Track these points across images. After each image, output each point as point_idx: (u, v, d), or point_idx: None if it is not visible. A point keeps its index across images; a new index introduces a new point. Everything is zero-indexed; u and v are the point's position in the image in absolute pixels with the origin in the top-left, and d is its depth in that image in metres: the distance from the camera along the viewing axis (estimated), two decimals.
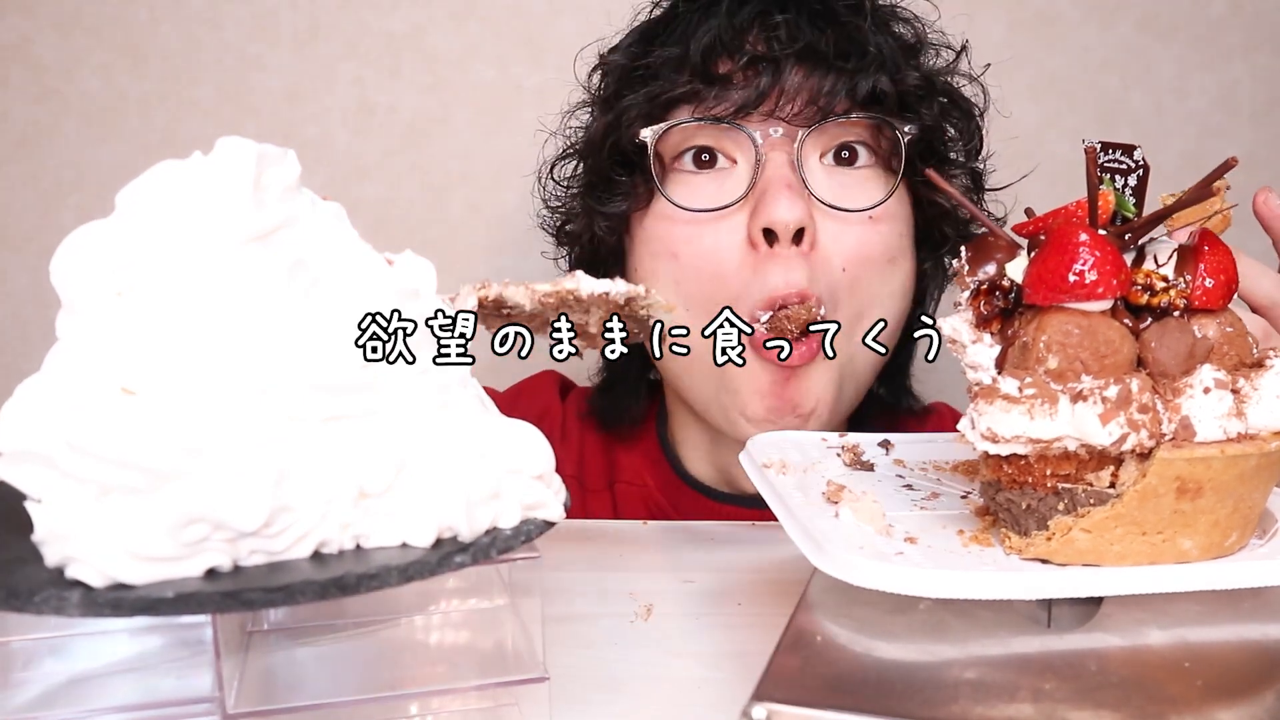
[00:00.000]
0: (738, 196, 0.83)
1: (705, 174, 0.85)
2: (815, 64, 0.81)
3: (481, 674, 0.55)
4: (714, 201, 0.83)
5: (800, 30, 0.80)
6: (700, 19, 0.84)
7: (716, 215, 0.83)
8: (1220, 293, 0.54)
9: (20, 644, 0.54)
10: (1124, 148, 0.57)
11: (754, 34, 0.81)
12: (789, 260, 0.81)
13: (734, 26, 0.81)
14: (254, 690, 0.51)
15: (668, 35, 0.86)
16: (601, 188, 0.89)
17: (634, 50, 0.88)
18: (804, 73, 0.81)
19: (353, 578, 0.44)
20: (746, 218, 0.83)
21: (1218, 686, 0.48)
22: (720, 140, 0.84)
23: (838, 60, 0.81)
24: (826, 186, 0.83)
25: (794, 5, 0.82)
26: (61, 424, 0.43)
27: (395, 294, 0.50)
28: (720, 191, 0.84)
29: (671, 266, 0.85)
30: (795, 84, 0.80)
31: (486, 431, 0.51)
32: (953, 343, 0.58)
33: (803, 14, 0.82)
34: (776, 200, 0.80)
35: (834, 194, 0.83)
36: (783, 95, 0.81)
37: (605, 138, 0.86)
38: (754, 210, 0.82)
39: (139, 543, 0.42)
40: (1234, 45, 1.32)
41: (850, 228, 0.84)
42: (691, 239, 0.84)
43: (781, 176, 0.81)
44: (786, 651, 0.50)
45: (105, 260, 0.46)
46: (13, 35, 1.35)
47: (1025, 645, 0.51)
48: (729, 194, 0.83)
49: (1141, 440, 0.51)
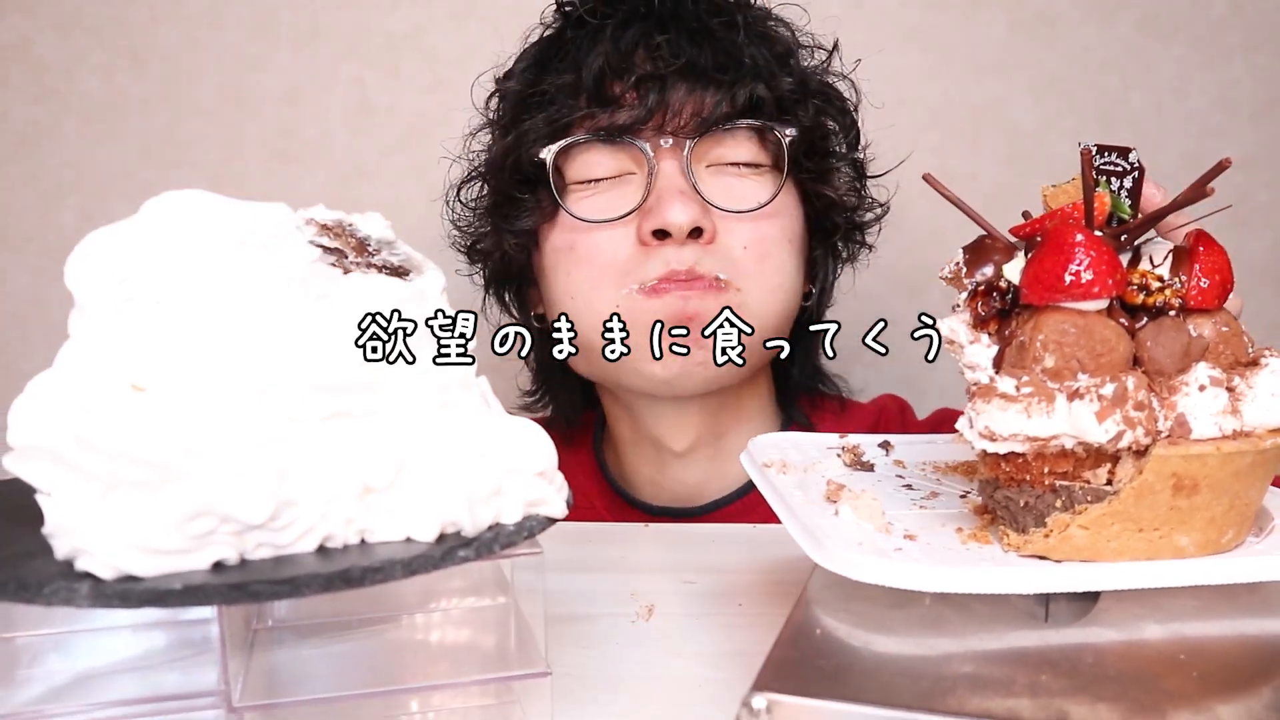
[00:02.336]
0: (635, 205, 0.89)
1: (604, 186, 0.91)
2: (697, 78, 0.88)
3: (484, 671, 0.56)
4: (613, 211, 0.90)
5: (681, 48, 0.87)
6: (589, 44, 0.90)
7: (615, 223, 0.90)
8: (1215, 292, 0.55)
9: (26, 640, 0.55)
10: (1120, 150, 0.58)
11: (639, 55, 0.88)
12: (680, 248, 0.88)
13: (620, 50, 0.88)
14: (259, 685, 0.52)
15: (560, 60, 0.92)
16: (507, 206, 0.94)
17: (529, 76, 0.93)
18: (687, 87, 0.88)
19: (357, 570, 0.44)
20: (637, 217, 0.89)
21: (1214, 680, 0.48)
22: (616, 155, 0.90)
23: (717, 73, 0.88)
24: (717, 190, 0.90)
25: (673, 25, 0.89)
26: (71, 419, 0.44)
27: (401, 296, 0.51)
28: (619, 200, 0.90)
29: (567, 258, 0.92)
30: (680, 98, 0.87)
31: (489, 429, 0.51)
32: (950, 343, 0.58)
33: (682, 33, 0.88)
34: (670, 205, 0.87)
35: (724, 197, 0.90)
36: (669, 109, 0.87)
37: (506, 158, 0.92)
38: (646, 214, 0.88)
39: (147, 536, 0.42)
40: (1234, 45, 1.32)
41: (745, 224, 0.91)
42: (589, 239, 0.91)
43: (674, 184, 0.88)
44: (786, 644, 0.51)
45: (118, 263, 0.47)
46: (13, 35, 1.35)
47: (1023, 639, 0.52)
48: (627, 202, 0.90)
49: (1138, 438, 0.52)
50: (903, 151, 1.06)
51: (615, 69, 0.88)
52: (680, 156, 0.89)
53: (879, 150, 1.07)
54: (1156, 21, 1.33)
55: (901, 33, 1.34)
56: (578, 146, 0.90)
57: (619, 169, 0.91)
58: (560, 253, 0.92)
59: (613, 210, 0.90)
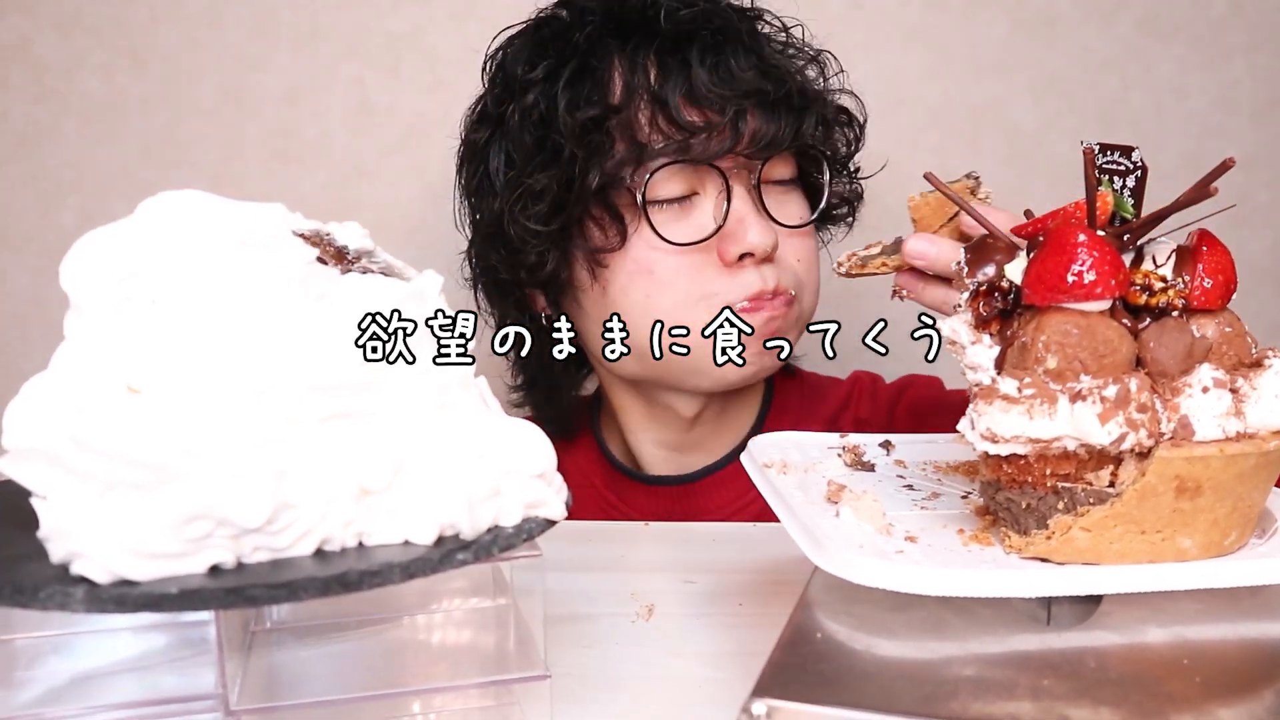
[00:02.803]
0: (715, 228, 0.93)
1: (675, 208, 0.94)
2: (768, 107, 0.93)
3: (483, 673, 0.55)
4: (688, 233, 0.93)
5: (756, 79, 0.93)
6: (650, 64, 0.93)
7: (692, 246, 0.93)
8: (1219, 293, 0.54)
9: (24, 642, 0.55)
10: (1122, 149, 0.58)
11: (718, 84, 0.92)
12: (760, 269, 0.94)
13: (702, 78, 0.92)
14: (257, 688, 0.52)
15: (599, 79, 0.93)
16: (581, 228, 0.95)
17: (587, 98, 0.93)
18: (760, 116, 0.93)
19: (355, 574, 0.44)
20: (717, 241, 0.93)
21: (1216, 684, 0.48)
22: (690, 178, 0.94)
23: (785, 103, 0.94)
24: (774, 208, 0.96)
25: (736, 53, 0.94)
26: (67, 421, 0.44)
27: (401, 296, 0.51)
28: (690, 220, 0.94)
29: (645, 281, 0.94)
30: (757, 127, 0.93)
31: (488, 430, 0.51)
32: (952, 344, 0.58)
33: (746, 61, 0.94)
34: (751, 228, 0.93)
35: (780, 214, 0.97)
36: (749, 137, 0.93)
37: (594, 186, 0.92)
38: (728, 236, 0.93)
39: (143, 539, 0.42)
40: (1234, 45, 1.32)
41: (796, 238, 0.99)
42: (669, 262, 0.94)
43: (749, 207, 0.94)
44: (786, 648, 0.51)
45: (114, 264, 0.47)
46: (13, 35, 1.35)
47: (1024, 643, 0.51)
48: (698, 223, 0.94)
49: (1140, 439, 0.51)
50: (903, 151, 1.06)
51: (700, 97, 0.91)
52: (747, 179, 0.95)
53: (879, 150, 1.07)
54: (1156, 21, 1.32)
55: (901, 33, 1.34)
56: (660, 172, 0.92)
57: (689, 190, 0.94)
58: (637, 276, 0.94)
59: (687, 232, 0.93)
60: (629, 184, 0.92)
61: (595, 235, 0.94)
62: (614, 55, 0.94)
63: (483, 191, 1.01)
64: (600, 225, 0.94)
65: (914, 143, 1.35)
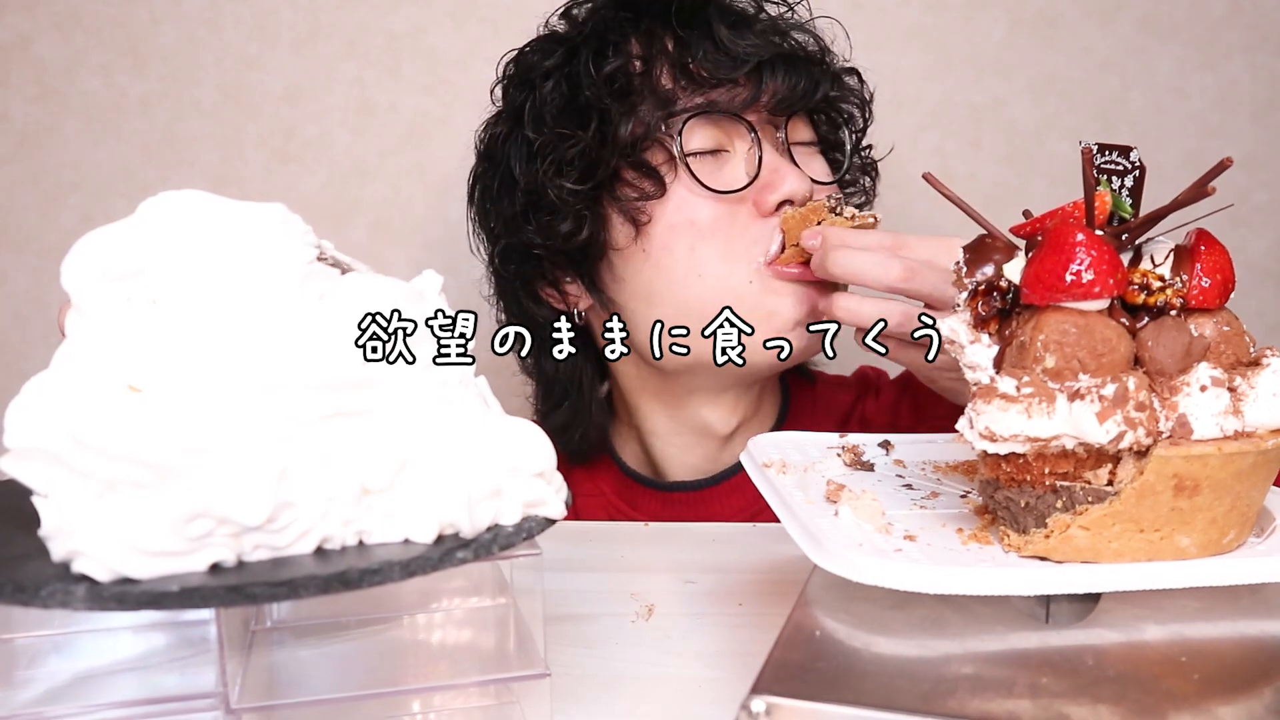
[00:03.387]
0: (750, 177, 0.94)
1: (712, 160, 0.95)
2: (789, 65, 0.96)
3: (483, 671, 0.55)
4: (729, 184, 0.94)
5: (770, 37, 0.97)
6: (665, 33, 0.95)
7: (729, 195, 0.94)
8: (1217, 292, 0.54)
9: (24, 641, 0.55)
10: (1121, 149, 0.58)
11: (737, 42, 0.95)
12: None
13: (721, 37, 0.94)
14: (257, 686, 0.52)
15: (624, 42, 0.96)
16: (621, 187, 0.95)
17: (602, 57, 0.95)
18: (780, 73, 0.95)
19: (355, 572, 0.44)
20: (752, 193, 0.94)
21: (1215, 682, 0.48)
22: (718, 132, 0.95)
23: (803, 62, 0.97)
24: (804, 163, 0.98)
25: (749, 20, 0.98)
26: (68, 420, 0.44)
27: (401, 296, 0.51)
28: (722, 174, 0.95)
29: (690, 234, 0.94)
30: (780, 83, 0.95)
31: (488, 429, 0.51)
32: (951, 343, 0.58)
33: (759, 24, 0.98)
34: (789, 176, 0.94)
35: (809, 170, 0.98)
36: (772, 92, 0.95)
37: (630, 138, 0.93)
38: (766, 185, 0.94)
39: (144, 537, 0.42)
40: (1234, 45, 1.32)
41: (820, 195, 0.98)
42: (712, 209, 0.94)
43: (781, 157, 0.96)
44: (785, 646, 0.51)
45: (115, 264, 0.47)
46: (13, 35, 1.35)
47: (1023, 641, 0.52)
48: (733, 176, 0.95)
49: (1139, 438, 0.52)
50: (903, 151, 1.06)
51: (725, 51, 0.93)
52: (774, 134, 0.97)
53: (878, 149, 1.07)
54: (1156, 21, 1.32)
55: (901, 33, 1.34)
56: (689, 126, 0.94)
57: (719, 144, 0.95)
58: (679, 227, 0.94)
59: (728, 184, 0.94)
60: (660, 135, 0.94)
61: (631, 192, 0.95)
62: (630, 33, 0.96)
63: (501, 192, 1.01)
64: (635, 182, 0.94)
65: (914, 143, 1.35)
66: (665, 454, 1.08)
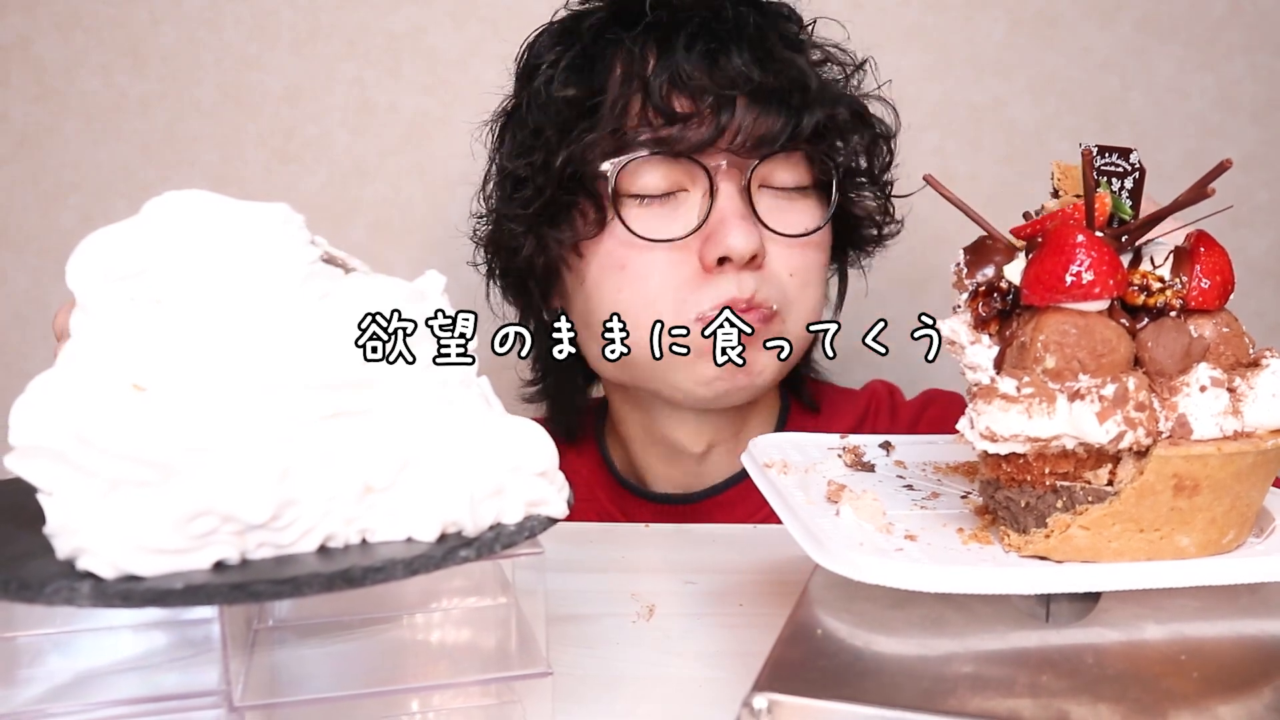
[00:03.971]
0: (693, 226, 0.88)
1: (658, 202, 0.90)
2: (763, 100, 0.87)
3: (485, 670, 0.56)
4: (670, 230, 0.89)
5: (750, 69, 0.86)
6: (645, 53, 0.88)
7: (670, 243, 0.88)
8: (1216, 293, 0.55)
9: (26, 640, 0.55)
10: (1121, 150, 0.58)
11: (707, 71, 0.86)
12: (740, 274, 0.88)
13: (689, 65, 0.86)
14: (260, 685, 0.52)
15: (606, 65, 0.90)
16: (558, 215, 0.92)
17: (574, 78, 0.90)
18: (754, 111, 0.87)
19: (359, 570, 0.44)
20: (699, 243, 0.88)
21: (1215, 680, 0.48)
22: (673, 172, 0.89)
23: (783, 97, 0.88)
24: (771, 212, 0.90)
25: (737, 43, 0.88)
26: (73, 419, 0.44)
27: (402, 296, 0.51)
28: (674, 217, 0.89)
29: (618, 277, 0.90)
30: (747, 122, 0.87)
31: (490, 428, 0.51)
32: (951, 344, 0.58)
33: (746, 52, 0.87)
34: (733, 230, 0.86)
35: (777, 220, 0.90)
36: (735, 132, 0.87)
37: (565, 167, 0.89)
38: (708, 237, 0.88)
39: (148, 535, 0.42)
40: (1234, 45, 1.32)
41: (793, 249, 0.92)
42: (643, 258, 0.89)
43: (735, 207, 0.88)
44: (787, 644, 0.51)
45: (120, 263, 0.47)
46: (13, 35, 1.35)
47: (1024, 640, 0.52)
48: (683, 221, 0.89)
49: (1139, 438, 0.52)
50: (902, 151, 1.06)
51: (684, 85, 0.86)
52: (739, 179, 0.89)
53: None
54: (1156, 21, 1.33)
55: (901, 33, 1.34)
56: (636, 160, 0.88)
57: (674, 185, 0.89)
58: (609, 270, 0.90)
59: (668, 228, 0.89)
60: (602, 172, 0.88)
61: (577, 223, 0.91)
62: (618, 44, 0.90)
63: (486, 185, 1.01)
64: (581, 214, 0.91)
65: (914, 143, 1.35)
66: (646, 463, 1.06)
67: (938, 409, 1.06)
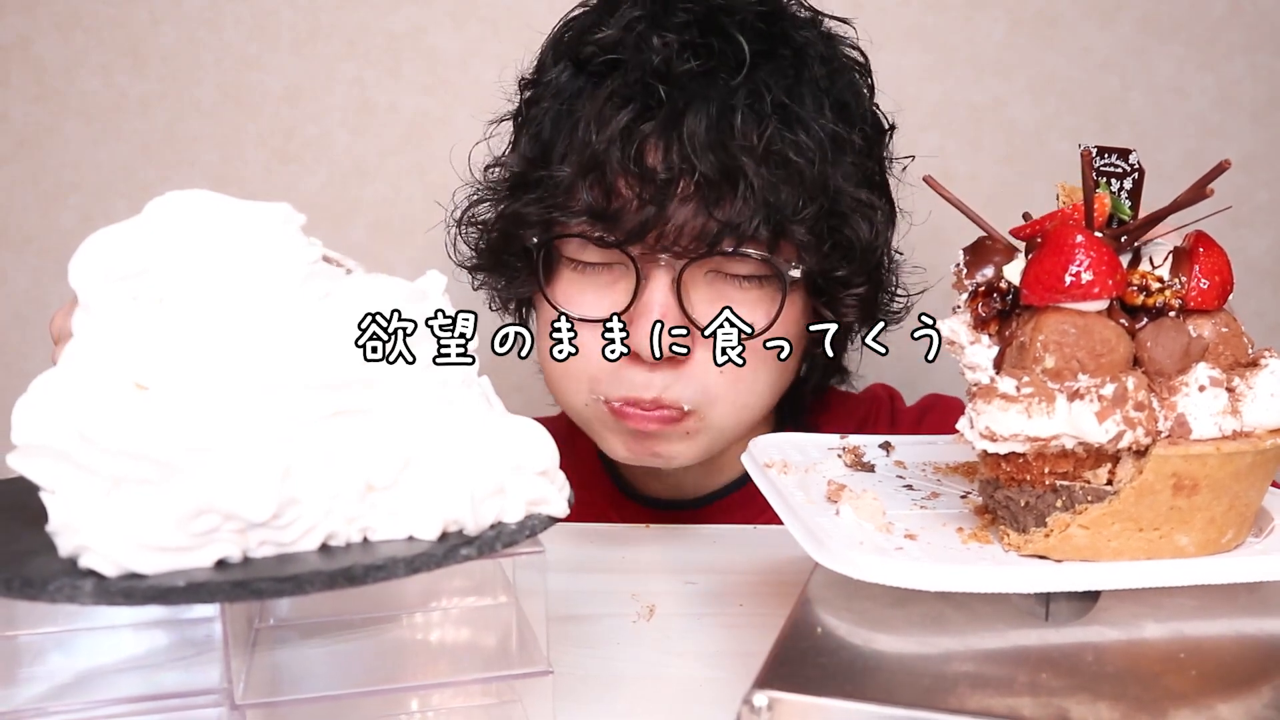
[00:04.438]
0: (619, 310, 0.82)
1: (594, 271, 0.86)
2: (706, 198, 0.79)
3: (486, 669, 0.56)
4: (597, 307, 0.84)
5: (695, 159, 0.78)
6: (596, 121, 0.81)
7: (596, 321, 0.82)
8: (1215, 293, 0.55)
9: (28, 638, 0.55)
10: (1120, 151, 0.58)
11: (651, 154, 0.80)
12: (650, 371, 0.83)
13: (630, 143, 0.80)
14: (261, 683, 0.52)
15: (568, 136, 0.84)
16: (501, 272, 0.94)
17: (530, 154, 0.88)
18: (694, 207, 0.79)
19: (360, 568, 0.44)
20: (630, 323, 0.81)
21: (1213, 679, 0.48)
22: (607, 254, 0.84)
23: (727, 198, 0.79)
24: (710, 303, 0.82)
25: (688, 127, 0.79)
26: (76, 417, 0.44)
27: (403, 296, 0.51)
28: (607, 288, 0.85)
29: (546, 343, 0.85)
30: (684, 217, 0.79)
31: (491, 428, 0.51)
32: (951, 344, 0.58)
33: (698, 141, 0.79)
34: (645, 333, 0.80)
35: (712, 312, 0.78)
36: (671, 227, 0.80)
37: (503, 232, 0.90)
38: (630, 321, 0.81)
39: (150, 533, 0.42)
40: (1234, 45, 1.32)
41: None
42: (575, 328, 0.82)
43: (658, 303, 0.81)
44: (787, 642, 0.51)
45: (122, 263, 0.47)
46: (13, 35, 1.35)
47: (1023, 638, 0.52)
48: (614, 296, 0.84)
49: (1138, 438, 0.52)
50: (902, 151, 1.06)
51: (623, 167, 0.80)
52: (672, 274, 0.81)
53: None
54: (1156, 21, 1.33)
55: (901, 33, 1.34)
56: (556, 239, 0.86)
57: (611, 258, 0.84)
58: (543, 333, 0.89)
59: (597, 303, 0.84)
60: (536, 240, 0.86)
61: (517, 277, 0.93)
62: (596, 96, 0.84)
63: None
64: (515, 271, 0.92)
65: (914, 143, 1.35)
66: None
67: (938, 415, 1.03)
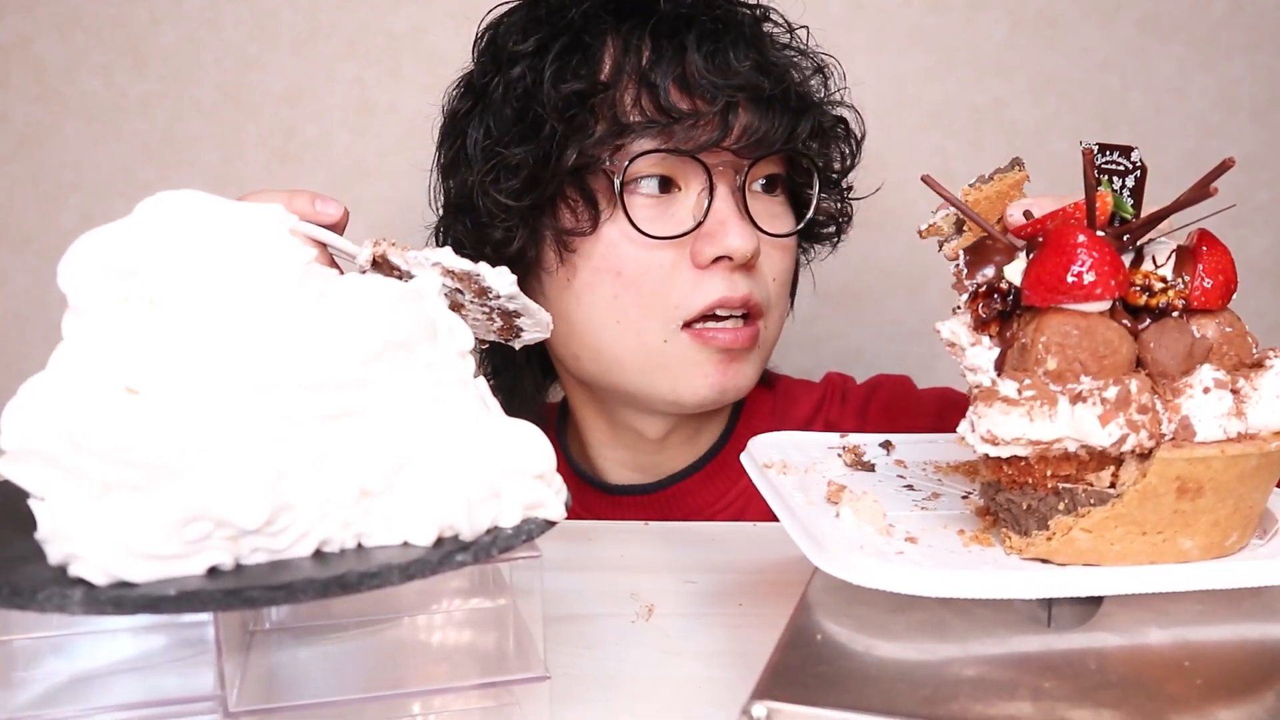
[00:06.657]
0: (692, 225, 0.89)
1: (659, 199, 0.90)
2: (760, 104, 0.89)
3: (483, 673, 0.55)
4: (668, 228, 0.89)
5: (748, 73, 0.88)
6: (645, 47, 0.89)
7: (666, 241, 0.89)
8: (1219, 293, 0.54)
9: (22, 642, 0.54)
10: (1122, 149, 0.57)
11: (714, 73, 0.88)
12: (733, 275, 0.90)
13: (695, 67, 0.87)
14: (256, 689, 0.51)
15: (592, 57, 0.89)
16: (553, 210, 0.91)
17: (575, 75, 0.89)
18: (754, 113, 0.89)
19: (354, 576, 0.44)
20: (692, 242, 0.89)
21: (1217, 686, 0.48)
22: (673, 171, 0.90)
23: (779, 102, 0.90)
24: (760, 215, 0.92)
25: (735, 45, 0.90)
26: (65, 422, 0.43)
27: (399, 296, 0.50)
28: (669, 215, 0.90)
29: (613, 282, 0.90)
30: (745, 122, 0.88)
31: (487, 431, 0.51)
32: (951, 345, 0.58)
33: (746, 54, 0.90)
34: (732, 230, 0.88)
35: (765, 221, 0.92)
36: (740, 133, 0.88)
37: (568, 165, 0.88)
38: (704, 235, 0.88)
39: (141, 540, 0.42)
40: (1234, 45, 1.32)
41: (776, 251, 0.94)
42: (639, 259, 0.89)
43: (732, 209, 0.89)
44: (786, 650, 0.50)
45: (112, 264, 0.47)
46: (13, 35, 1.35)
47: (1025, 644, 0.51)
48: (679, 218, 0.90)
49: (1141, 440, 0.51)
50: (903, 151, 1.06)
51: (690, 84, 0.87)
52: (733, 179, 0.90)
53: (880, 150, 1.07)
54: (1156, 21, 1.32)
55: (902, 33, 1.34)
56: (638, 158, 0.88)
57: (673, 171, 0.90)
58: (603, 274, 0.90)
59: (666, 226, 0.89)
60: (606, 167, 0.88)
61: (566, 217, 0.90)
62: (608, 34, 0.90)
63: (457, 164, 0.97)
64: (572, 208, 0.90)
65: (914, 143, 1.35)
66: (603, 454, 1.06)
67: (885, 391, 1.08)
